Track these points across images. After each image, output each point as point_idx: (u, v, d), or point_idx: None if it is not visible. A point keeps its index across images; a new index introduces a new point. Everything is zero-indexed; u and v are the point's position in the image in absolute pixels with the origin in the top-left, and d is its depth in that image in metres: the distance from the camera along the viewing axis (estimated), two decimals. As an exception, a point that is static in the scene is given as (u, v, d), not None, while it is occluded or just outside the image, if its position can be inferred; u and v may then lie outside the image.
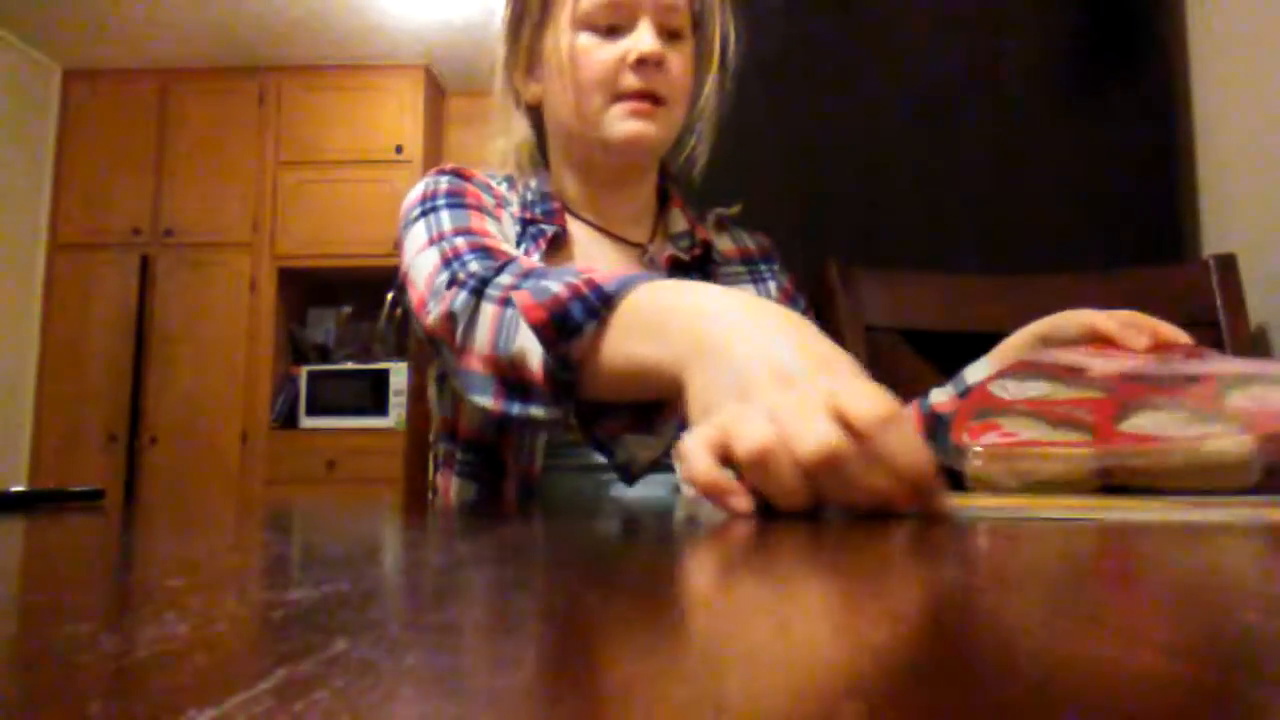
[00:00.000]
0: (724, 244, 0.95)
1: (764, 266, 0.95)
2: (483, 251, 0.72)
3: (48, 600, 0.23)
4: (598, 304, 0.57)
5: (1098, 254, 1.22)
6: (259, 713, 0.11)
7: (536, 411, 0.62)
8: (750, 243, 0.97)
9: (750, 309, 0.52)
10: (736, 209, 0.98)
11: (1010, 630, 0.16)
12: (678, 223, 0.92)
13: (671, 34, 0.82)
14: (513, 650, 0.15)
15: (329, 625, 0.17)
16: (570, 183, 0.90)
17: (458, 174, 0.86)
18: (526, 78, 0.89)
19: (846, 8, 1.30)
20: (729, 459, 0.41)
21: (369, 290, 3.90)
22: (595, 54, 0.81)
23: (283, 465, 3.64)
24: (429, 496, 0.99)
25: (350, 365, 3.81)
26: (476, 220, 0.79)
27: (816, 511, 0.40)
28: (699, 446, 0.41)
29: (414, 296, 0.76)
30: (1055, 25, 1.31)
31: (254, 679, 0.12)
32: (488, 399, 0.64)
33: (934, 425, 0.90)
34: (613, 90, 0.81)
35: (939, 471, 0.40)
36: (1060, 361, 0.77)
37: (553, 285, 0.60)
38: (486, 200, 0.85)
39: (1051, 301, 1.17)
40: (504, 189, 0.89)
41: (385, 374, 3.70)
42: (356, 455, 3.61)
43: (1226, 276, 1.13)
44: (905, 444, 0.39)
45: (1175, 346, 0.75)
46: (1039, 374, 0.75)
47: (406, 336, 1.00)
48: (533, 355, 0.60)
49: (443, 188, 0.83)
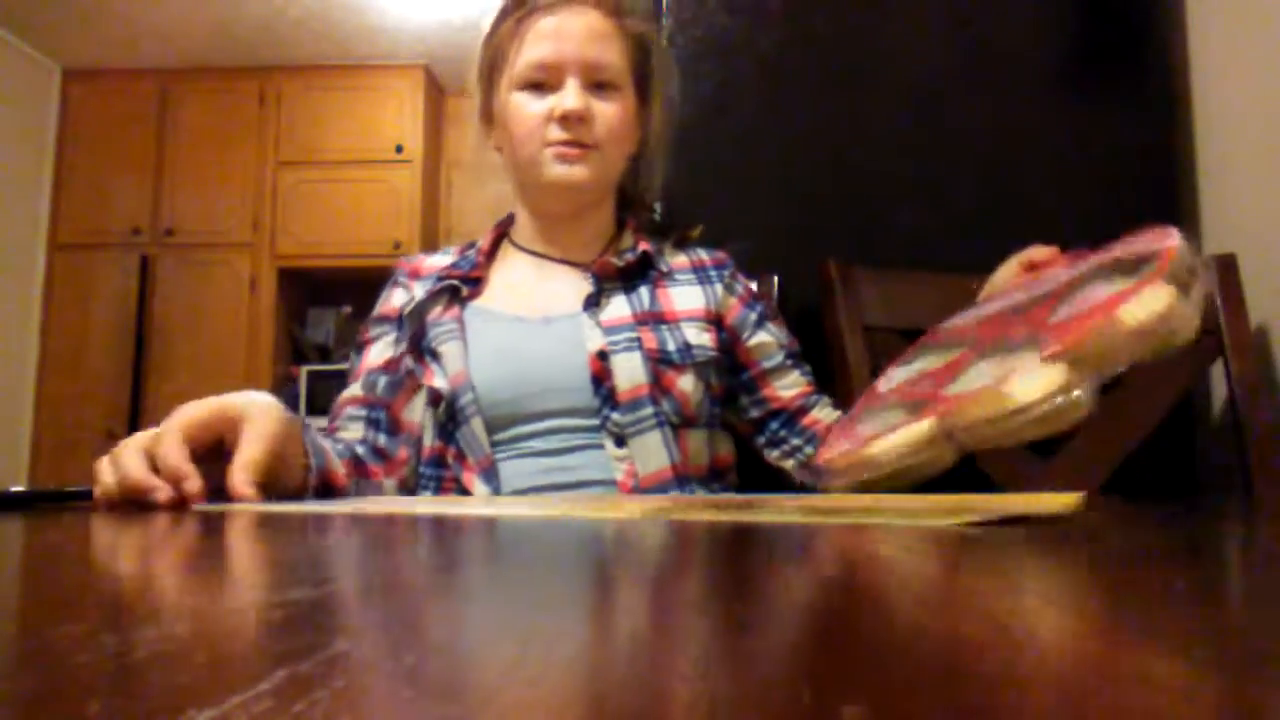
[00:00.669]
0: (677, 258, 1.03)
1: (714, 272, 1.02)
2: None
3: (48, 600, 0.23)
4: None
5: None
6: (259, 713, 0.11)
7: None
8: (705, 255, 1.04)
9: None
10: (697, 232, 1.07)
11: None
12: (627, 242, 1.02)
13: (601, 85, 0.94)
14: (512, 650, 0.15)
15: (329, 625, 0.17)
16: (524, 217, 1.04)
17: (394, 279, 1.07)
18: (487, 126, 1.03)
19: (846, 7, 1.30)
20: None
21: (369, 290, 3.86)
22: (526, 110, 0.94)
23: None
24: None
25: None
26: (360, 361, 1.05)
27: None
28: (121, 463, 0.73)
29: None
30: (1055, 25, 1.31)
31: (254, 679, 0.12)
32: None
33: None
34: (543, 140, 0.93)
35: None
36: (957, 325, 0.80)
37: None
38: (390, 305, 1.04)
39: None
40: (449, 258, 1.04)
41: (385, 374, 3.69)
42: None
43: (1226, 276, 1.13)
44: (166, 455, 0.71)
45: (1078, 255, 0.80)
46: (929, 347, 0.78)
47: None
48: None
49: (361, 333, 1.07)
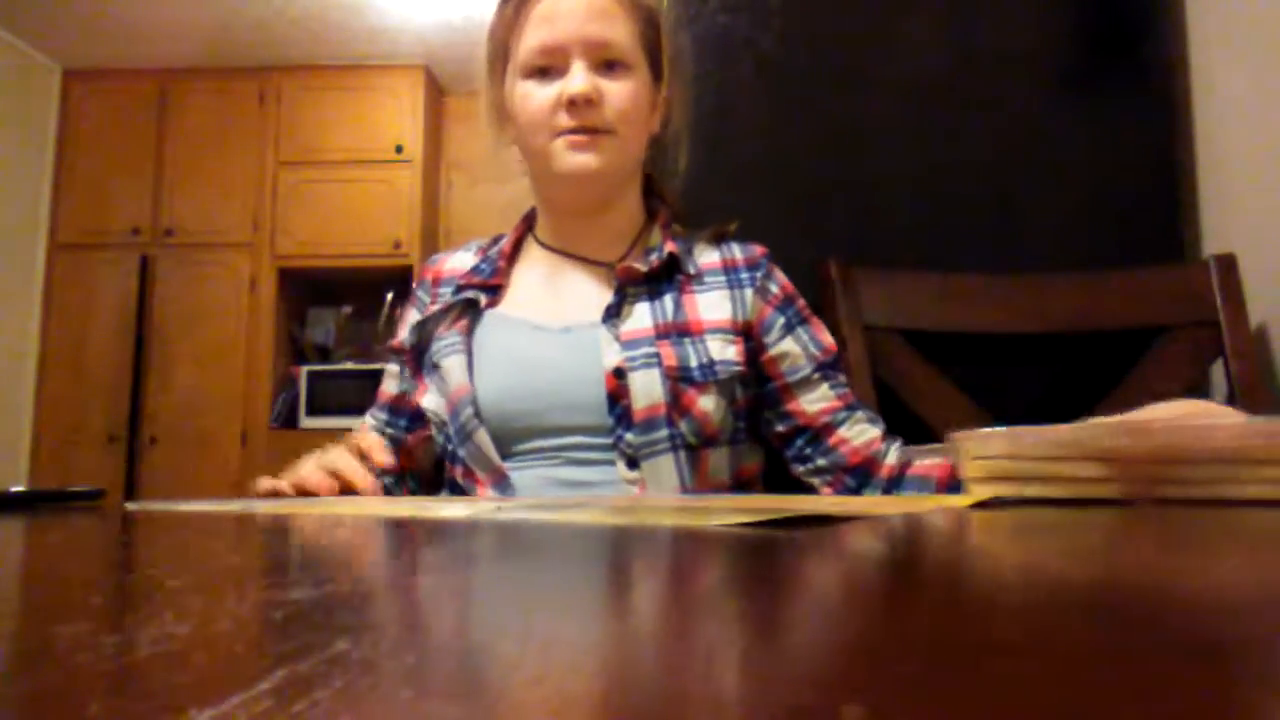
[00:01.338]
0: (709, 257, 0.96)
1: (745, 274, 0.95)
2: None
3: (48, 600, 0.23)
4: None
5: (1098, 254, 1.22)
6: (259, 713, 0.11)
7: None
8: (739, 254, 0.97)
9: None
10: (733, 226, 1.00)
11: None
12: (654, 239, 0.96)
13: (609, 65, 0.88)
14: (512, 650, 0.15)
15: (329, 625, 0.17)
16: (543, 213, 0.99)
17: (417, 285, 1.04)
18: (504, 124, 0.96)
19: (845, 6, 1.30)
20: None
21: (369, 290, 3.90)
22: (532, 98, 0.89)
23: (283, 465, 3.61)
24: None
25: (350, 365, 3.81)
26: (382, 385, 1.03)
27: None
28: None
29: None
30: (1055, 25, 1.31)
31: (254, 679, 0.12)
32: None
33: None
34: (553, 128, 0.88)
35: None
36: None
37: None
38: (411, 315, 1.01)
39: (1051, 302, 1.17)
40: (471, 255, 1.01)
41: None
42: (356, 455, 3.60)
43: (1226, 276, 1.13)
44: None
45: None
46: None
47: None
48: None
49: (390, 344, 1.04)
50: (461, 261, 1.00)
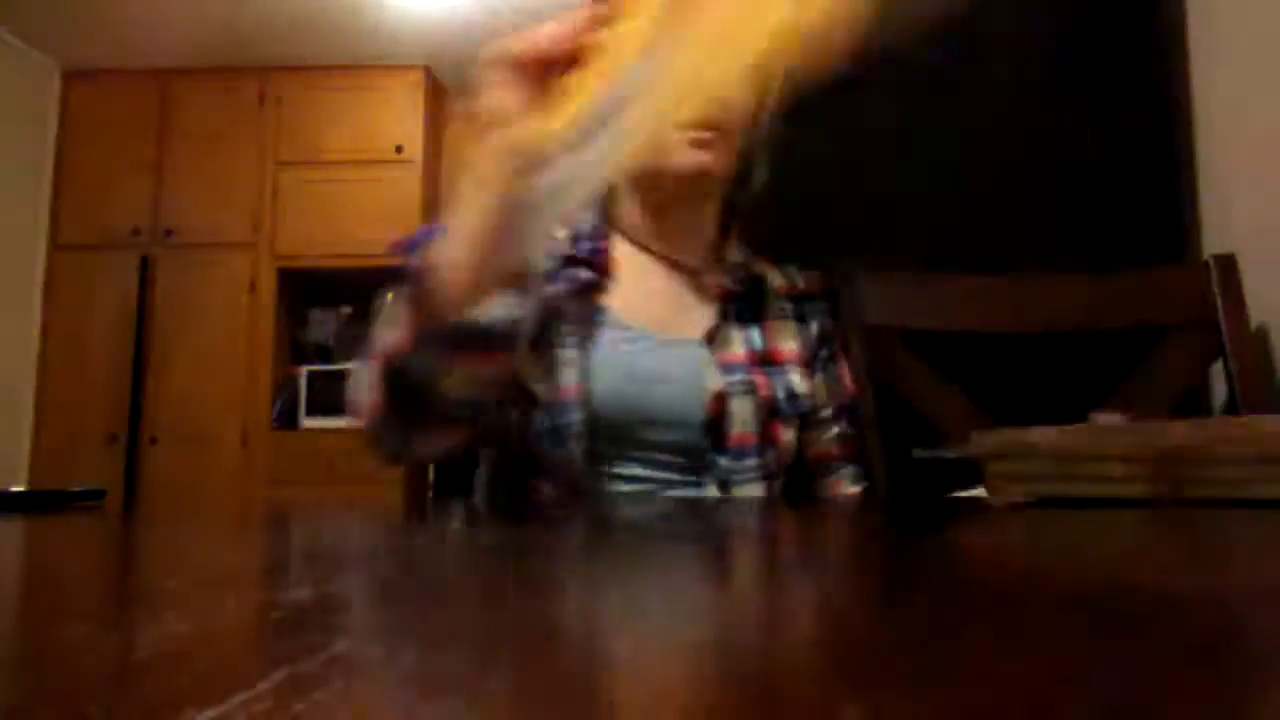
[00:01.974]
0: (776, 279, 0.96)
1: (807, 306, 0.95)
2: None
3: (48, 600, 0.23)
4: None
5: (1098, 254, 1.22)
6: (259, 713, 0.11)
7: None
8: (800, 282, 0.97)
9: None
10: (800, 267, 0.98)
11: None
12: (734, 253, 0.94)
13: None
14: (511, 650, 0.15)
15: (329, 625, 0.17)
16: (631, 207, 0.92)
17: None
18: None
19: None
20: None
21: (369, 290, 3.86)
22: None
23: (283, 466, 3.64)
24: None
25: (350, 365, 3.81)
26: None
27: None
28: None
29: None
30: (1055, 25, 1.31)
31: (254, 679, 0.12)
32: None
33: None
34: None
35: None
36: None
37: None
38: None
39: (1051, 302, 1.17)
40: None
41: (385, 374, 3.69)
42: (357, 456, 3.58)
43: (1226, 276, 1.13)
44: None
45: None
46: None
47: None
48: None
49: None
50: None
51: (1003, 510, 0.52)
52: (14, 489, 0.67)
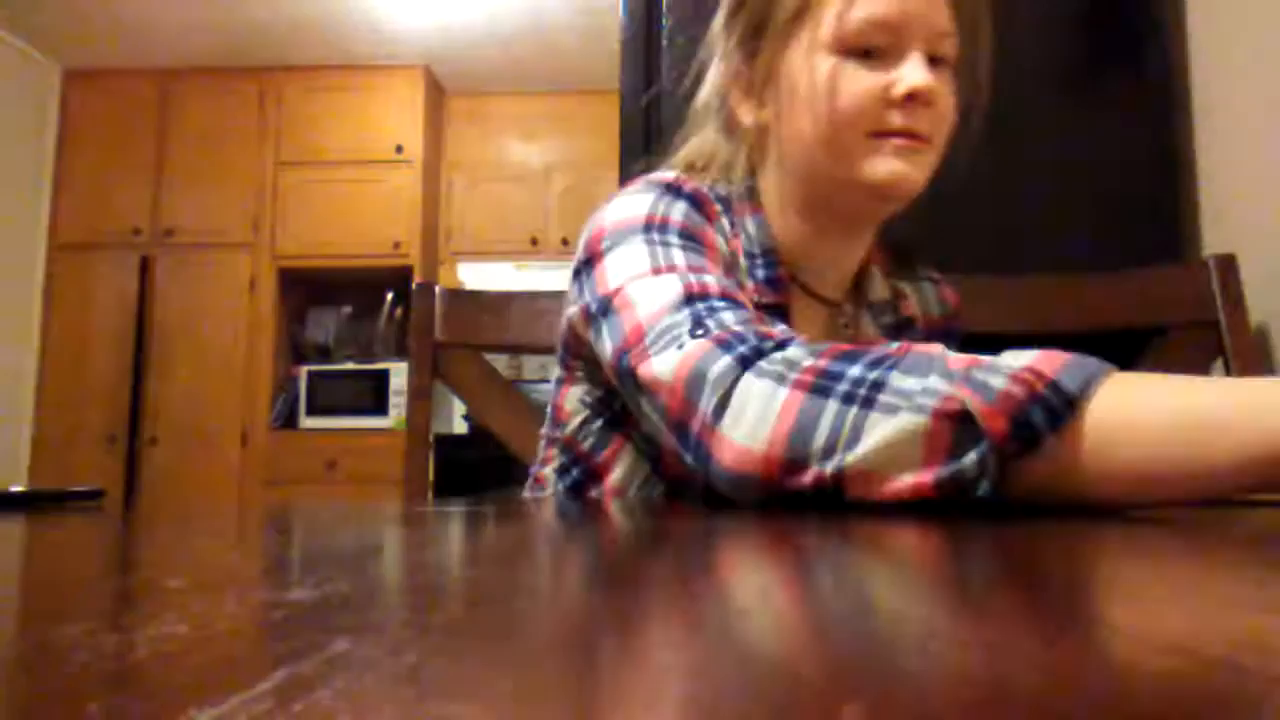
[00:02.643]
0: (913, 308, 0.84)
1: (940, 337, 0.81)
2: (737, 306, 0.61)
3: (48, 600, 0.23)
4: (1061, 408, 0.47)
5: (1098, 254, 1.22)
6: (259, 713, 0.11)
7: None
8: (935, 309, 0.85)
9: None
10: (937, 278, 0.86)
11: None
12: (876, 288, 0.82)
13: (937, 61, 0.72)
14: (511, 650, 0.15)
15: (329, 625, 0.17)
16: (791, 227, 0.76)
17: (696, 201, 0.71)
18: (747, 99, 0.76)
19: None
20: None
21: (369, 290, 3.90)
22: (855, 82, 0.69)
23: (283, 466, 3.64)
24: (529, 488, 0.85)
25: (350, 365, 3.81)
26: (721, 273, 0.66)
27: None
28: None
29: (626, 325, 0.63)
30: (1055, 25, 1.31)
31: (254, 679, 0.12)
32: (746, 496, 0.55)
33: None
34: (873, 126, 0.69)
35: None
36: None
37: (991, 379, 0.48)
38: (723, 255, 0.71)
39: (1051, 302, 1.17)
40: (729, 231, 0.74)
41: (385, 374, 3.70)
42: (356, 455, 3.61)
43: (1226, 276, 1.13)
44: None
45: None
46: None
47: (406, 336, 0.94)
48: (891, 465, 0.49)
49: (676, 218, 0.69)
50: (726, 232, 0.74)
51: (1004, 506, 0.52)
52: (14, 489, 0.67)
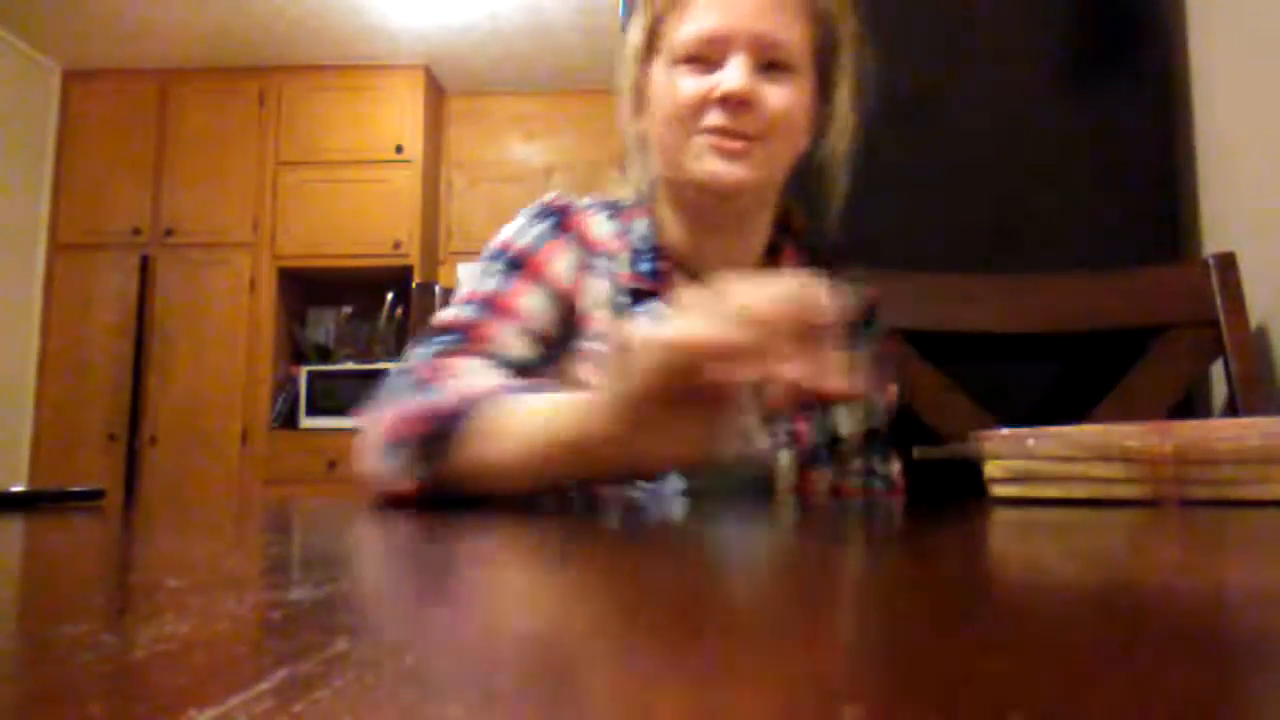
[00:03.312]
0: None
1: (863, 329, 0.89)
2: (458, 337, 0.74)
3: (48, 600, 0.23)
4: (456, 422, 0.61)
5: (1098, 254, 1.22)
6: (259, 713, 0.11)
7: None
8: (855, 303, 0.90)
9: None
10: (860, 276, 0.91)
11: (1010, 630, 0.16)
12: None
13: (772, 66, 0.77)
14: (511, 650, 0.15)
15: (329, 625, 0.17)
16: (673, 224, 0.84)
17: (557, 222, 0.82)
18: (636, 115, 0.85)
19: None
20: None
21: (369, 290, 3.90)
22: (682, 87, 0.77)
23: (283, 465, 3.64)
24: None
25: (350, 365, 3.81)
26: (525, 294, 0.77)
27: None
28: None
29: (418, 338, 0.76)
30: (1055, 24, 1.31)
31: (254, 679, 0.12)
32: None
33: None
34: (694, 127, 0.76)
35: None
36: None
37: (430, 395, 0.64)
38: (558, 270, 0.80)
39: (1051, 302, 1.17)
40: (613, 232, 0.84)
41: (385, 374, 3.68)
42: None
43: (1226, 276, 1.13)
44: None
45: None
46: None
47: (406, 336, 0.96)
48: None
49: (519, 244, 0.80)
50: (604, 232, 0.83)
51: (1003, 510, 0.52)
52: (14, 489, 0.67)
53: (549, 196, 0.85)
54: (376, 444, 0.66)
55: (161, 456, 3.67)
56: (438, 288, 1.16)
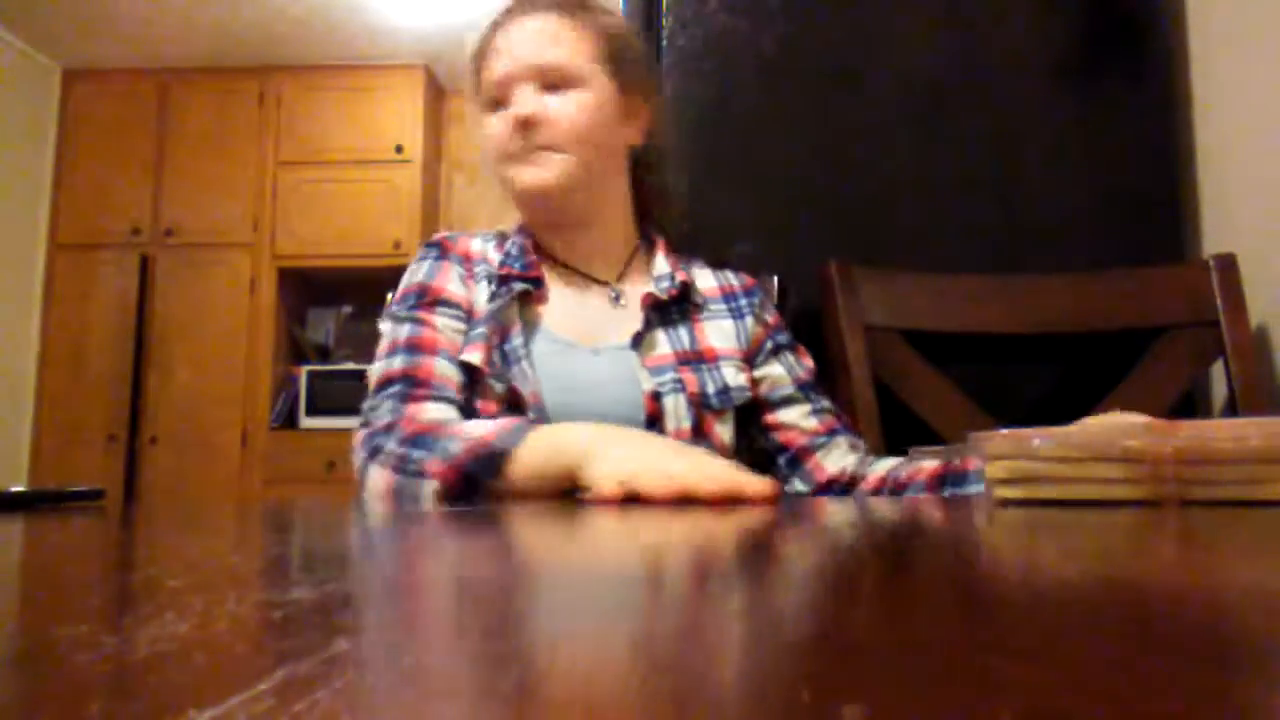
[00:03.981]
0: (708, 283, 1.00)
1: (744, 302, 1.00)
2: (407, 383, 0.86)
3: (48, 600, 0.23)
4: (498, 459, 0.75)
5: (1098, 254, 1.22)
6: (259, 713, 0.11)
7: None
8: (734, 281, 1.02)
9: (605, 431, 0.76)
10: (743, 248, 1.06)
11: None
12: (661, 265, 0.99)
13: (555, 87, 0.92)
14: (510, 650, 0.15)
15: (329, 625, 0.17)
16: (538, 234, 0.99)
17: (440, 252, 0.96)
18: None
19: (846, 7, 1.30)
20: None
21: (369, 290, 3.90)
22: (492, 127, 0.93)
23: (283, 465, 3.64)
24: None
25: (350, 365, 3.81)
26: (426, 333, 0.90)
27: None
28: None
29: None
30: (1055, 25, 1.31)
31: (254, 679, 0.12)
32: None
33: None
34: (507, 154, 0.92)
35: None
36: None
37: (452, 446, 0.77)
38: (451, 288, 0.93)
39: (1052, 302, 1.17)
40: (491, 247, 0.98)
41: (385, 374, 3.68)
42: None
43: (1226, 276, 1.13)
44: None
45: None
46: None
47: None
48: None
49: (415, 283, 0.94)
50: (482, 249, 0.98)
51: (1001, 510, 0.52)
52: (14, 489, 0.67)
53: (434, 236, 1.01)
54: (414, 491, 0.78)
55: (161, 456, 3.67)
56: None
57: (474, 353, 0.88)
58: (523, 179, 0.91)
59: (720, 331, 0.96)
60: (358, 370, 3.75)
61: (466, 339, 0.90)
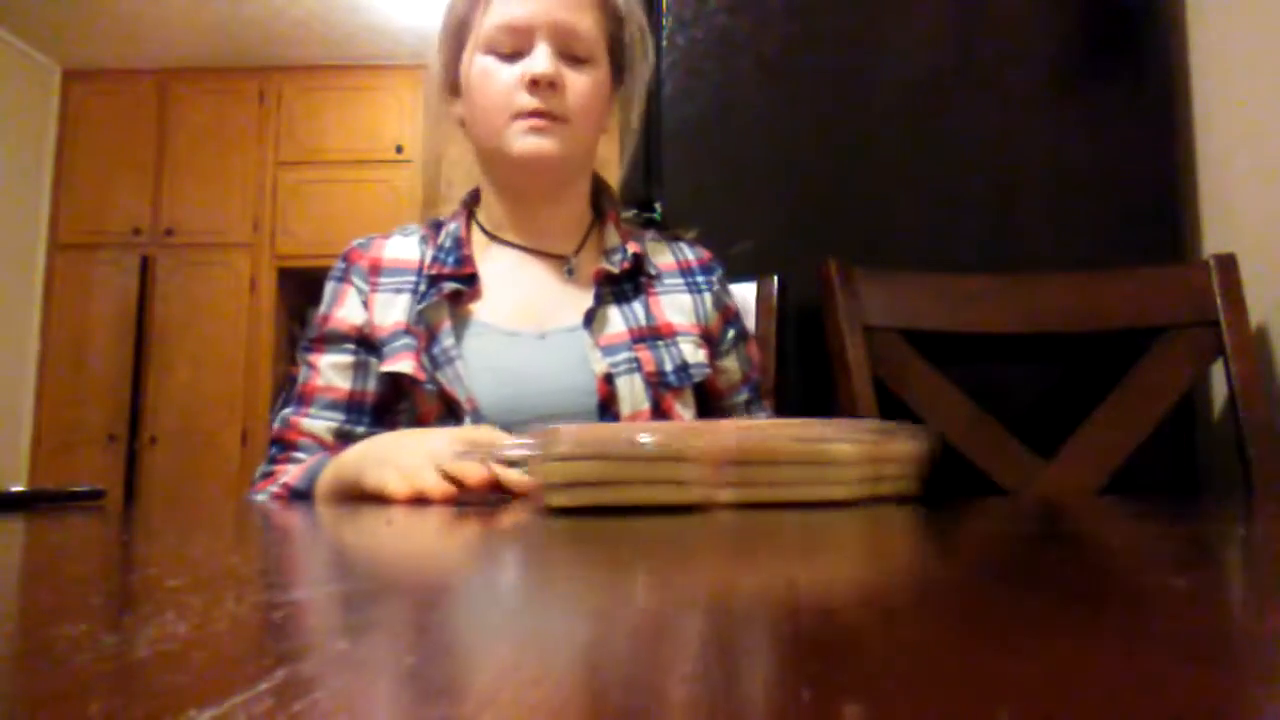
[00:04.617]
0: (663, 257, 0.97)
1: (701, 278, 0.97)
2: (273, 454, 0.90)
3: (48, 600, 0.23)
4: (305, 497, 0.82)
5: (1098, 254, 1.22)
6: (259, 713, 0.11)
7: None
8: (690, 255, 0.99)
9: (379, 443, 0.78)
10: (692, 234, 1.02)
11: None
12: (612, 238, 0.96)
13: (573, 59, 0.88)
14: (509, 650, 0.15)
15: (329, 625, 0.17)
16: (494, 200, 0.95)
17: (346, 270, 0.96)
18: (451, 98, 0.96)
19: (846, 7, 1.30)
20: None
21: (369, 290, 3.90)
22: (496, 76, 0.87)
23: (283, 465, 3.63)
24: None
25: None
26: (312, 379, 0.91)
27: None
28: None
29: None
30: (1055, 25, 1.31)
31: (254, 679, 0.12)
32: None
33: None
34: (511, 109, 0.87)
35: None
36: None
37: (274, 489, 0.86)
38: (341, 315, 0.92)
39: (1051, 302, 1.17)
40: (415, 245, 0.95)
41: (385, 374, 3.69)
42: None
43: (1226, 276, 1.13)
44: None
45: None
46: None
47: None
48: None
49: (320, 313, 0.95)
50: (405, 250, 0.95)
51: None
52: (14, 489, 0.67)
53: (347, 245, 1.00)
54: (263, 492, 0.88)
55: (161, 456, 3.67)
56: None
57: (403, 361, 0.86)
58: (527, 143, 0.86)
59: (677, 306, 0.93)
60: (358, 370, 3.75)
61: (389, 350, 0.87)
